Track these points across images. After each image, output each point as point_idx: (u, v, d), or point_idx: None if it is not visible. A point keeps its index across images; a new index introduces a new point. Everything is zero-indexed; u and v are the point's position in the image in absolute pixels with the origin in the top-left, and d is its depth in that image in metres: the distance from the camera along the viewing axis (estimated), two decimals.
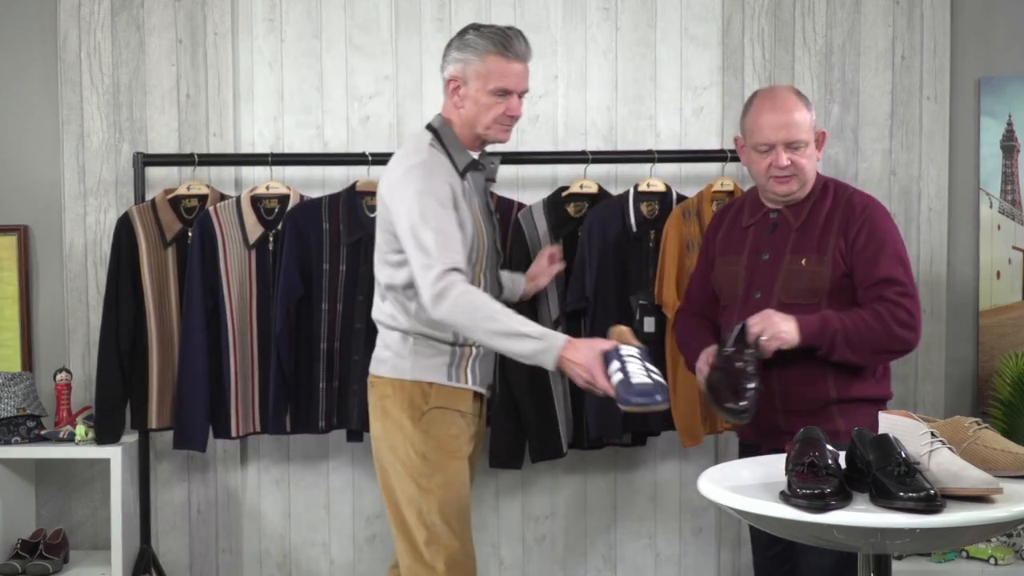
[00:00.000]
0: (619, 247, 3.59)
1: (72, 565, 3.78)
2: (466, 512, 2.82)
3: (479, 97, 2.78)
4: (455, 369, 2.80)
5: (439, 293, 2.58)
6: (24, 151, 3.94)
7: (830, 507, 2.06)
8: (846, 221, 2.82)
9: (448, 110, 2.85)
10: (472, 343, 2.78)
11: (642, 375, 2.38)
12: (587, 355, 2.52)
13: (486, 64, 2.77)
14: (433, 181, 2.68)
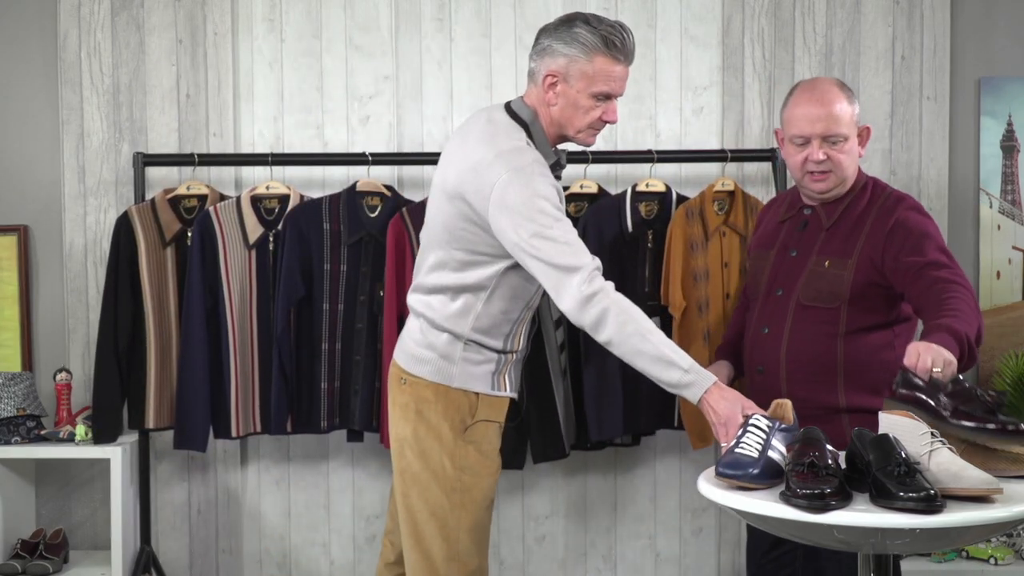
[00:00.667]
0: (615, 247, 3.58)
1: (72, 565, 3.78)
2: (488, 529, 2.70)
3: (579, 99, 2.57)
4: (498, 377, 2.67)
5: (589, 296, 2.43)
6: (24, 151, 3.94)
7: (830, 507, 2.06)
8: (879, 223, 2.71)
9: (535, 100, 2.62)
10: (516, 350, 2.67)
11: (751, 448, 2.29)
12: (728, 409, 2.41)
13: (593, 64, 2.53)
14: (545, 186, 2.49)
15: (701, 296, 3.55)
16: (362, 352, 3.59)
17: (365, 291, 3.60)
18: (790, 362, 2.77)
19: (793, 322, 2.79)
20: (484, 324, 2.62)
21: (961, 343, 2.38)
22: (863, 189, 2.80)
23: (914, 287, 2.61)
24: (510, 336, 2.69)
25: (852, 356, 2.72)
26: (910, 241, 2.66)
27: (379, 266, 3.59)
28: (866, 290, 2.70)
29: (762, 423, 2.36)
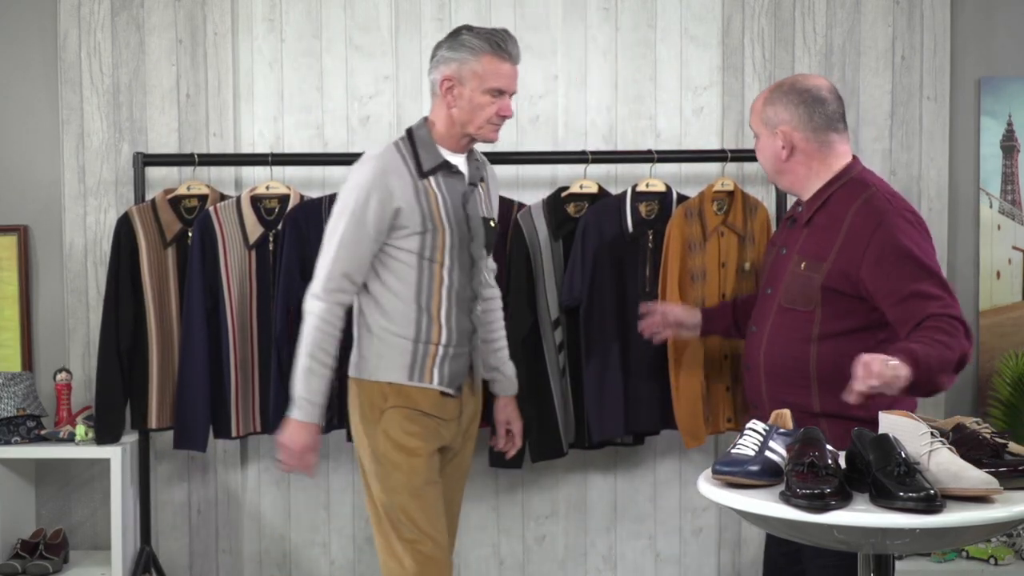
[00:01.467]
0: (615, 247, 3.58)
1: (72, 565, 3.78)
2: (433, 508, 2.83)
3: (474, 97, 2.81)
4: (418, 369, 2.81)
5: (317, 296, 2.76)
6: (24, 151, 3.94)
7: (830, 507, 2.06)
8: (858, 234, 2.65)
9: (434, 113, 2.89)
10: (438, 342, 2.83)
11: (748, 447, 2.33)
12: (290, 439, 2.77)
13: (482, 64, 2.80)
14: (372, 180, 2.76)
15: (698, 296, 3.55)
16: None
17: None
18: (767, 363, 2.77)
19: (773, 323, 2.78)
20: (387, 315, 2.81)
21: (918, 366, 2.39)
22: (844, 186, 2.73)
23: (895, 313, 2.60)
24: (422, 325, 2.81)
25: (826, 361, 2.67)
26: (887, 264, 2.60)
27: None
28: (837, 296, 2.67)
29: (759, 426, 2.38)
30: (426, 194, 2.80)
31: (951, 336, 2.50)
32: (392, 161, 2.81)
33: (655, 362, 3.58)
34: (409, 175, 2.80)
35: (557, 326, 3.59)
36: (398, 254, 2.79)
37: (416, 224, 2.78)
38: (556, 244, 3.61)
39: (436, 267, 2.81)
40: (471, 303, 2.90)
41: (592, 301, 3.57)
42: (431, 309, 2.82)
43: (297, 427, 2.77)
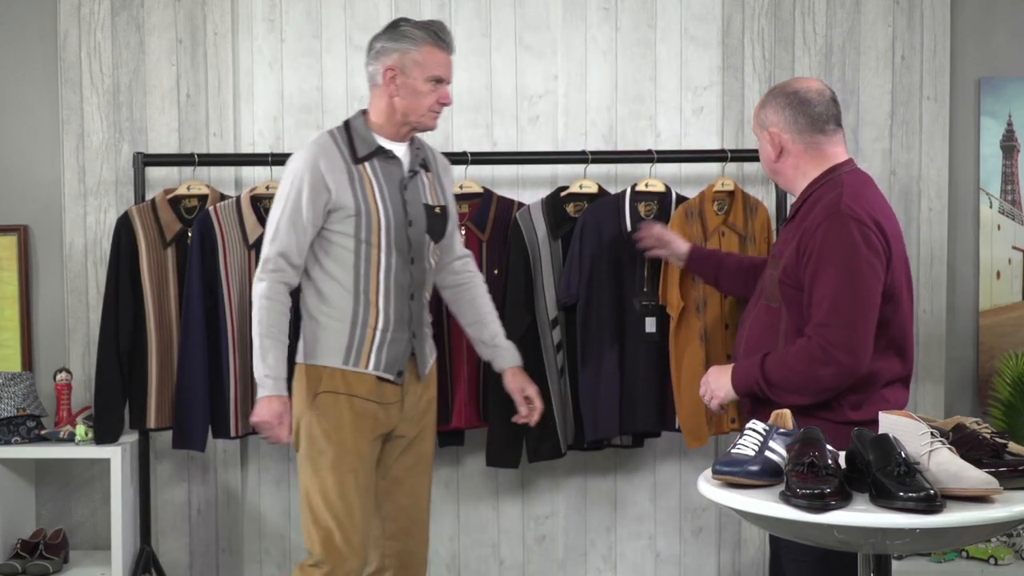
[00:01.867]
0: (613, 247, 3.58)
1: (72, 565, 3.78)
2: (352, 497, 2.86)
3: (417, 85, 2.90)
4: (354, 354, 2.88)
5: (260, 277, 2.87)
6: (24, 151, 3.94)
7: (830, 507, 2.06)
8: (807, 229, 2.68)
9: (372, 104, 2.97)
10: (376, 326, 2.89)
11: (748, 447, 2.34)
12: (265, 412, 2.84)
13: (423, 53, 2.89)
14: (305, 166, 2.86)
15: (699, 296, 3.55)
16: None
17: None
18: (744, 357, 2.82)
19: (754, 318, 2.84)
20: (324, 299, 2.90)
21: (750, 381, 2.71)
22: (823, 186, 2.74)
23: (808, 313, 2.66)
24: (359, 309, 2.89)
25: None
26: (808, 272, 2.64)
27: None
28: (793, 292, 2.70)
29: (759, 426, 2.38)
30: (360, 179, 2.89)
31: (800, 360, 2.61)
32: (326, 147, 2.90)
33: (653, 363, 3.58)
34: (342, 160, 2.90)
35: (555, 326, 3.59)
36: (336, 238, 2.88)
37: (350, 207, 2.86)
38: (555, 244, 3.61)
39: (373, 250, 2.88)
40: (410, 289, 2.95)
41: (589, 300, 3.57)
42: (368, 293, 2.89)
43: (265, 402, 2.85)
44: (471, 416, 3.64)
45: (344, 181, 2.87)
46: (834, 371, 2.59)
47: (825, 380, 2.60)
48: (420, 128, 2.97)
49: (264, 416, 2.85)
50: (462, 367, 3.63)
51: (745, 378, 2.73)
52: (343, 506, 2.86)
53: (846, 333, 2.58)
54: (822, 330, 2.59)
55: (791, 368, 2.63)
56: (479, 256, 3.63)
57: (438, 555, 3.94)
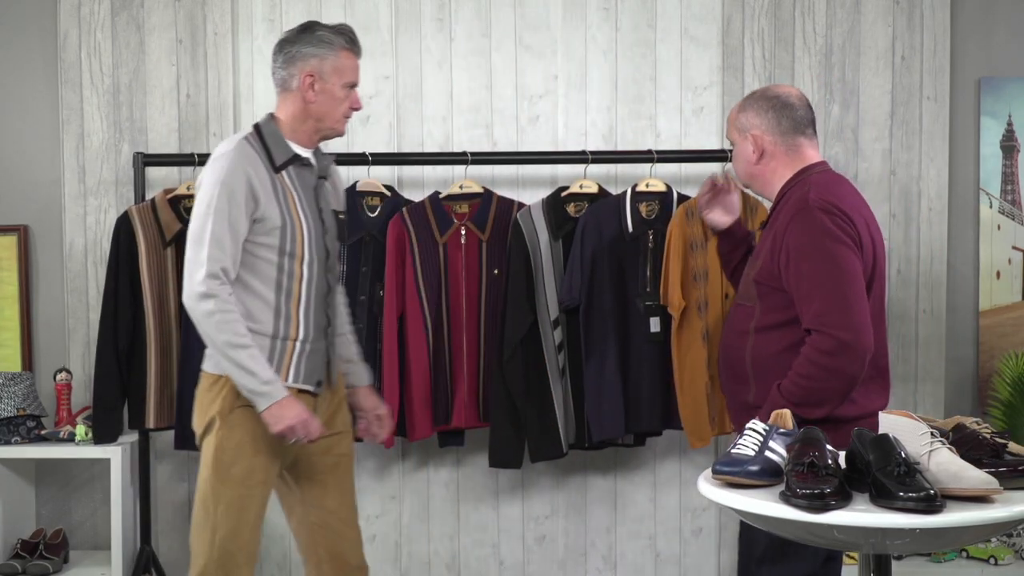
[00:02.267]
0: (615, 247, 3.58)
1: (72, 565, 3.78)
2: (254, 510, 2.87)
3: (335, 91, 2.85)
4: (274, 367, 2.78)
5: (206, 293, 2.68)
6: (24, 151, 3.94)
7: (830, 507, 2.06)
8: (779, 226, 2.71)
9: (282, 109, 2.88)
10: (295, 338, 2.83)
11: (748, 447, 2.34)
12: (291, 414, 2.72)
13: (340, 59, 2.85)
14: (231, 174, 2.73)
15: (700, 296, 3.56)
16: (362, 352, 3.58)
17: (365, 291, 3.60)
18: (722, 358, 2.86)
19: (730, 318, 2.88)
20: (246, 313, 2.77)
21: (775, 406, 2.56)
22: (796, 185, 2.77)
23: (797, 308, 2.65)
24: (280, 322, 2.80)
25: (757, 354, 2.72)
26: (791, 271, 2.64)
27: (379, 266, 3.60)
28: (769, 291, 2.72)
29: (759, 426, 2.38)
30: (283, 190, 2.80)
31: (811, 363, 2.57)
32: (248, 155, 2.78)
33: (655, 362, 3.58)
34: (265, 170, 2.79)
35: (557, 326, 3.59)
36: (258, 251, 2.77)
37: (276, 218, 2.77)
38: (556, 244, 3.62)
39: (296, 262, 2.81)
40: (327, 296, 2.92)
41: (591, 301, 3.57)
42: (289, 306, 2.81)
43: (282, 407, 2.73)
44: (471, 416, 3.64)
45: (270, 192, 2.77)
46: (848, 357, 2.55)
47: (844, 369, 2.55)
48: (331, 135, 2.91)
49: (294, 419, 2.72)
50: (462, 367, 3.63)
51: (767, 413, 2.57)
52: (246, 518, 2.85)
53: (845, 316, 2.57)
54: (822, 319, 2.57)
55: (806, 376, 2.58)
56: (479, 256, 3.64)
57: (438, 555, 3.94)
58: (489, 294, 3.63)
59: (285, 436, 2.75)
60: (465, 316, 3.63)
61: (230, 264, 2.73)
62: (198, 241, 2.72)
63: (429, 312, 3.60)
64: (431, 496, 3.94)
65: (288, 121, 2.86)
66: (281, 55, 2.89)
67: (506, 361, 3.53)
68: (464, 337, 3.63)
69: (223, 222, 2.71)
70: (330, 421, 2.97)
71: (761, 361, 2.71)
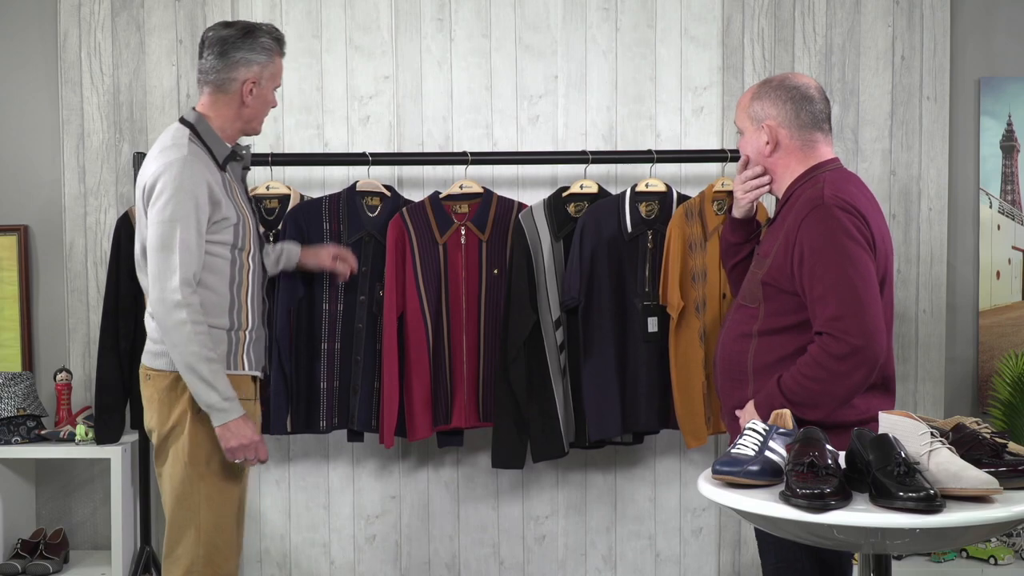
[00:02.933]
0: (614, 247, 3.58)
1: (72, 565, 3.78)
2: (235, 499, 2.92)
3: (268, 95, 2.97)
4: (234, 357, 2.88)
5: (180, 302, 2.72)
6: (24, 151, 3.94)
7: (830, 507, 2.06)
8: (791, 224, 2.63)
9: (212, 107, 2.92)
10: (247, 328, 2.91)
11: (748, 447, 2.34)
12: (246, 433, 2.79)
13: (275, 64, 2.97)
14: (193, 180, 2.78)
15: (699, 296, 3.56)
16: (362, 352, 3.59)
17: (365, 291, 3.60)
18: (720, 358, 2.80)
19: (731, 319, 2.81)
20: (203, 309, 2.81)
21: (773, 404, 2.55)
22: (807, 183, 2.70)
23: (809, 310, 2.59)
24: (234, 314, 2.88)
25: (760, 359, 2.67)
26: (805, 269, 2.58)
27: (379, 266, 3.60)
28: (776, 293, 2.66)
29: (759, 426, 2.38)
30: (229, 186, 2.91)
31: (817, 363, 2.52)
32: (199, 155, 2.84)
33: (653, 362, 3.58)
34: (216, 169, 2.88)
35: (558, 326, 3.59)
36: (215, 249, 2.83)
37: (233, 216, 2.86)
38: (557, 244, 3.62)
39: (245, 255, 2.91)
40: (264, 285, 3.04)
41: (590, 301, 3.57)
42: (240, 298, 2.90)
43: (239, 425, 2.79)
44: (471, 416, 3.64)
45: (223, 190, 2.86)
46: (857, 363, 2.50)
47: (851, 375, 2.50)
48: (252, 133, 3.03)
49: (246, 438, 2.79)
50: (462, 366, 3.63)
51: (768, 404, 2.59)
52: (228, 510, 2.89)
53: (859, 321, 2.50)
54: (835, 324, 2.50)
55: (811, 377, 2.53)
56: (479, 256, 3.64)
57: (438, 555, 3.94)
58: (489, 294, 3.63)
59: (234, 453, 2.80)
60: (465, 316, 3.63)
61: (198, 269, 2.79)
62: (167, 248, 2.74)
63: (429, 312, 3.61)
64: (431, 496, 3.94)
65: (217, 119, 2.93)
66: (223, 58, 2.90)
67: (511, 362, 3.53)
68: (464, 337, 3.63)
69: (191, 228, 2.76)
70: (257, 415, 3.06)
71: (764, 366, 2.66)
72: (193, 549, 2.85)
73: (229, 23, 2.95)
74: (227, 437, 2.78)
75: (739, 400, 2.71)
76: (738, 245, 2.97)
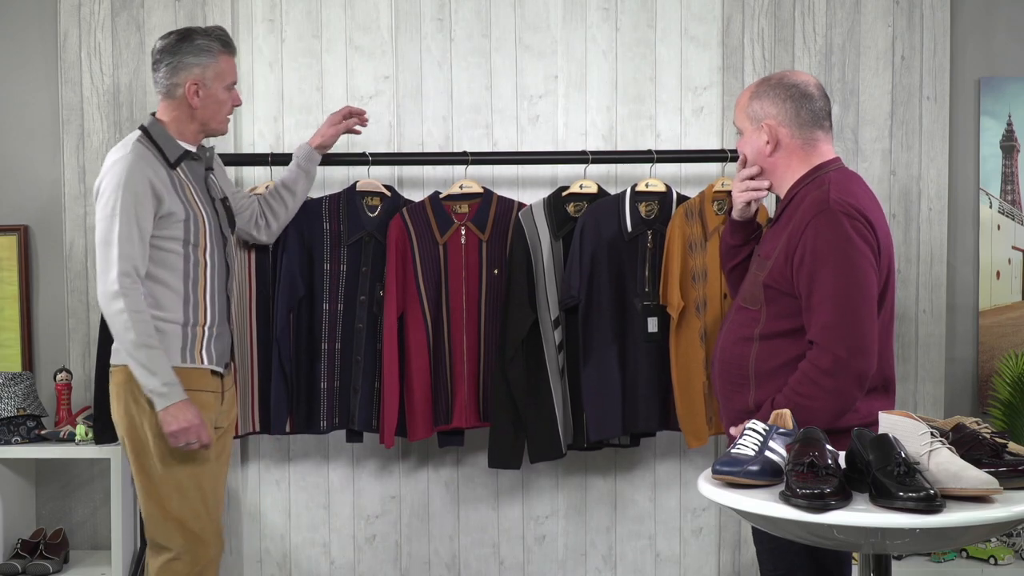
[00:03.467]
0: (614, 247, 3.58)
1: (72, 565, 3.78)
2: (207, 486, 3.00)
3: (218, 95, 3.04)
4: (189, 351, 2.97)
5: (118, 292, 2.83)
6: (24, 151, 3.94)
7: (830, 507, 2.06)
8: (794, 227, 2.61)
9: (166, 112, 3.04)
10: (204, 323, 3.00)
11: (748, 447, 2.34)
12: (187, 416, 2.86)
13: (220, 64, 3.04)
14: (132, 176, 2.88)
15: (699, 296, 3.56)
16: (362, 352, 3.59)
17: (365, 291, 3.60)
18: (719, 361, 2.78)
19: (731, 321, 2.78)
20: (157, 304, 2.93)
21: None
22: (810, 183, 2.67)
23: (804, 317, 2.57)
24: (188, 309, 2.98)
25: (762, 360, 2.65)
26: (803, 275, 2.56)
27: (379, 266, 3.60)
28: (778, 295, 2.63)
29: (759, 426, 2.38)
30: (181, 183, 2.99)
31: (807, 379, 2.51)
32: (144, 155, 2.94)
33: (653, 362, 3.58)
34: (162, 166, 2.96)
35: (557, 326, 3.59)
36: (164, 244, 2.93)
37: (180, 212, 2.94)
38: (557, 244, 3.62)
39: (199, 252, 2.99)
40: (228, 284, 3.11)
41: (590, 301, 3.57)
42: (196, 294, 2.99)
43: (180, 408, 2.86)
44: (471, 416, 3.64)
45: (170, 187, 2.94)
46: (845, 378, 2.49)
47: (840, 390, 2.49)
48: (216, 133, 3.11)
49: (188, 422, 2.86)
50: (462, 367, 3.63)
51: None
52: (199, 496, 2.97)
53: (848, 332, 2.49)
54: (828, 332, 2.49)
55: (802, 394, 2.51)
56: (479, 256, 3.64)
57: (438, 555, 3.94)
58: (489, 294, 3.63)
59: (176, 437, 2.87)
60: (465, 316, 3.63)
61: (140, 262, 2.88)
62: (107, 243, 2.86)
63: (429, 312, 3.61)
64: (431, 496, 3.94)
65: (173, 123, 3.04)
66: (164, 65, 3.02)
67: (508, 361, 3.53)
68: (464, 337, 3.63)
69: (130, 222, 2.86)
70: (230, 409, 3.17)
71: (766, 371, 2.64)
72: (171, 539, 2.94)
73: (169, 33, 3.08)
74: (168, 421, 2.86)
75: (739, 404, 2.69)
76: (737, 247, 2.95)
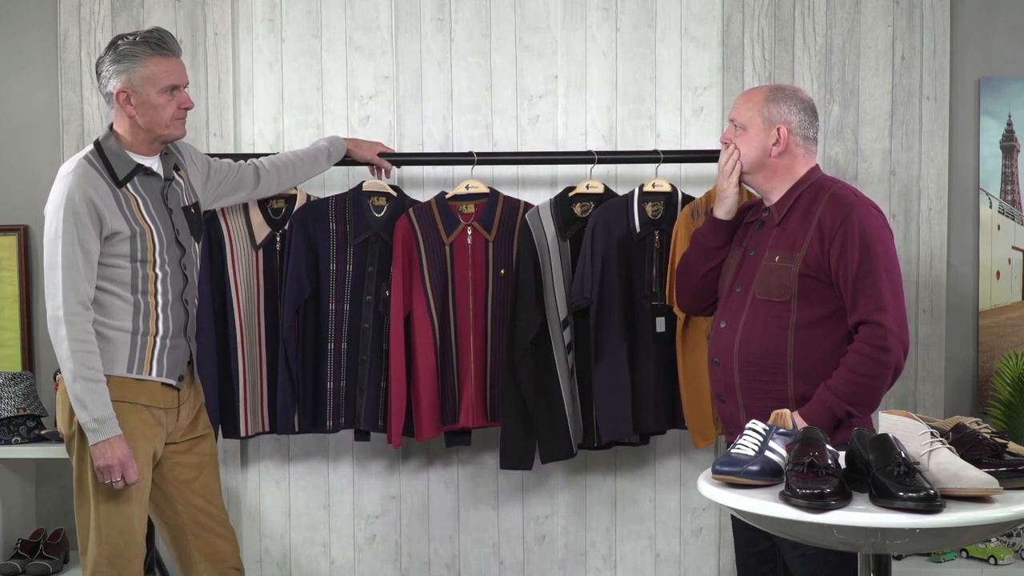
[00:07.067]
0: (623, 247, 3.58)
1: (72, 565, 3.78)
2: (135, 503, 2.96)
3: (152, 100, 2.93)
4: (138, 361, 2.93)
5: (62, 319, 2.81)
6: (24, 151, 3.94)
7: (830, 507, 2.06)
8: (824, 218, 2.81)
9: (117, 123, 2.99)
10: (156, 333, 2.96)
11: (748, 448, 2.36)
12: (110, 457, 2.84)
13: (149, 67, 2.92)
14: (72, 197, 2.84)
15: None
16: (368, 352, 3.59)
17: (371, 291, 3.60)
18: (742, 355, 2.85)
19: (747, 316, 2.86)
20: (104, 311, 2.89)
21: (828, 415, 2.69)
22: (811, 186, 2.90)
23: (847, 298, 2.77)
24: (138, 319, 2.94)
25: (802, 348, 2.78)
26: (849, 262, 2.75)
27: (385, 266, 3.60)
28: (813, 284, 2.79)
29: (759, 426, 2.39)
30: (127, 201, 2.93)
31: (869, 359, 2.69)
32: (87, 175, 2.88)
33: (661, 362, 3.59)
34: (107, 185, 2.91)
35: (566, 326, 3.58)
36: (112, 260, 2.90)
37: (125, 231, 2.90)
38: (564, 244, 3.61)
39: (148, 266, 2.95)
40: (185, 295, 3.04)
41: (602, 301, 3.57)
42: (147, 305, 2.95)
43: (110, 445, 2.85)
44: (478, 416, 3.64)
45: (114, 206, 2.90)
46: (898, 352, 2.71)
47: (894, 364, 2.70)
48: (169, 139, 3.02)
49: (115, 459, 2.84)
50: (469, 366, 3.63)
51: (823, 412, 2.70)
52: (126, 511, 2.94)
53: (901, 310, 2.74)
54: (880, 314, 2.69)
55: (866, 374, 2.69)
56: (485, 256, 3.64)
57: (438, 555, 3.94)
58: (496, 294, 3.63)
59: (103, 474, 2.86)
60: (472, 316, 3.63)
61: (86, 286, 2.84)
62: (52, 266, 2.84)
63: (436, 313, 3.60)
64: (431, 496, 3.94)
65: (124, 134, 2.98)
66: (99, 77, 2.98)
67: (518, 361, 3.53)
68: (471, 337, 3.63)
69: (73, 245, 2.83)
70: (193, 423, 3.12)
71: (808, 359, 2.77)
72: (95, 549, 2.94)
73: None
74: (96, 455, 2.85)
75: (775, 395, 2.78)
76: (717, 249, 3.07)
